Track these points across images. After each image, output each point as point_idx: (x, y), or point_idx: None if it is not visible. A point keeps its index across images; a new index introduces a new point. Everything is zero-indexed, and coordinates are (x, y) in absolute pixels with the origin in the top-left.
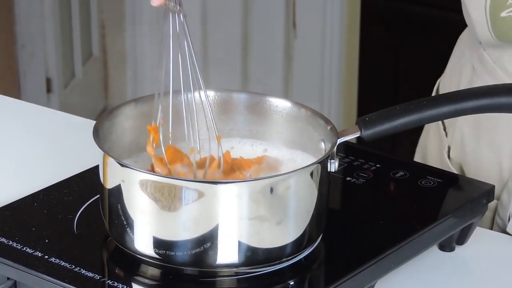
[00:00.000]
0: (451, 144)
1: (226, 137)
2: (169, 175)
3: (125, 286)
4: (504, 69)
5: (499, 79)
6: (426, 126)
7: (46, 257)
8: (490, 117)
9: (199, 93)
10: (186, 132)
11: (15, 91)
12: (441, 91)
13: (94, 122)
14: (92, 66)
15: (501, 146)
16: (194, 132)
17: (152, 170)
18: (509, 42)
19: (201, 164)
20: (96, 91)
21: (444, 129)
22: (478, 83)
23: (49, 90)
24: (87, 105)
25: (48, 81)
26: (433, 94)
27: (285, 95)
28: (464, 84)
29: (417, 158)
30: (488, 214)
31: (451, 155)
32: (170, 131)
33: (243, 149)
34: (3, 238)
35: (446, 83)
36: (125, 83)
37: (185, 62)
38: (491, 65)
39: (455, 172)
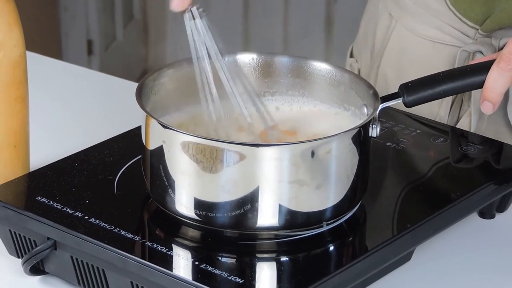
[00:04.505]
0: None
1: (270, 96)
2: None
3: (165, 248)
4: (425, 6)
5: (422, 19)
6: None
7: (86, 217)
8: None
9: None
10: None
11: (57, 53)
12: (356, 54)
13: (135, 84)
14: (133, 28)
15: None
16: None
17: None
18: None
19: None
20: (136, 54)
21: None
22: (398, 27)
23: (90, 52)
24: (127, 68)
25: (89, 43)
26: (347, 58)
27: (326, 60)
28: (380, 34)
29: None
30: None
31: None
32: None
33: (290, 108)
34: (44, 198)
35: (361, 44)
36: (165, 46)
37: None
38: (409, 5)
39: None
